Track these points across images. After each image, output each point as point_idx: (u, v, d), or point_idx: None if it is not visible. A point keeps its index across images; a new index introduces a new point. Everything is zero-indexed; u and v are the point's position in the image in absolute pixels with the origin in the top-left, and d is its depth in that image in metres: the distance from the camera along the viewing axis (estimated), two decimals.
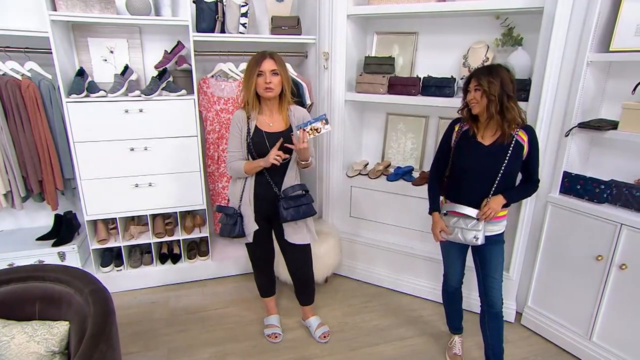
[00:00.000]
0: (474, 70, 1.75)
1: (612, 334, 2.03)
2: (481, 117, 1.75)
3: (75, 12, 2.22)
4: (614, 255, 1.96)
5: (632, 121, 1.89)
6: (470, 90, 1.71)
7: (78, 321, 1.50)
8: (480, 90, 1.67)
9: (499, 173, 1.76)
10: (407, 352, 2.22)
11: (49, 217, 2.77)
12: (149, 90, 2.43)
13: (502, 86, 1.66)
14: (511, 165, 1.76)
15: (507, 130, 1.72)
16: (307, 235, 2.06)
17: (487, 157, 1.78)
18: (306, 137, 1.82)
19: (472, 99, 1.70)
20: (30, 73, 2.36)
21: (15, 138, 2.37)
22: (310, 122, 1.84)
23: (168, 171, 2.59)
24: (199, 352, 2.19)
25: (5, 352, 1.41)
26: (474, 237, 1.80)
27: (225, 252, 2.96)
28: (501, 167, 1.75)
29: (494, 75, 1.66)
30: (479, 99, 1.68)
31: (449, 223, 1.87)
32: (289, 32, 2.68)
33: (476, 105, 1.71)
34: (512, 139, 1.74)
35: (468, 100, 1.74)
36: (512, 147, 1.75)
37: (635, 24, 1.87)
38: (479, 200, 1.80)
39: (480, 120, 1.78)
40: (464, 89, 1.77)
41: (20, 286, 1.57)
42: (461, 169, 1.84)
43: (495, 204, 1.75)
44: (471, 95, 1.71)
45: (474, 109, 1.73)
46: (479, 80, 1.67)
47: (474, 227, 1.80)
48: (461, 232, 1.83)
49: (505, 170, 1.76)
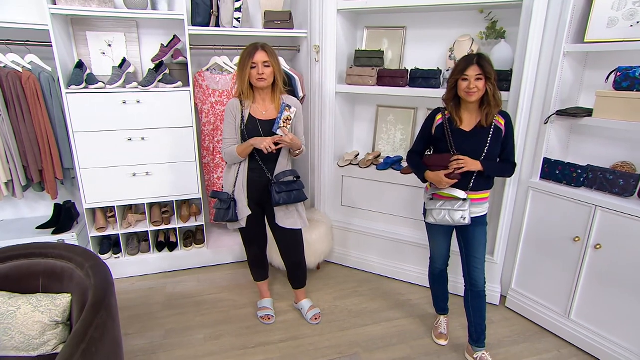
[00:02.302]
0: (463, 62, 1.80)
1: (589, 312, 2.15)
2: (473, 103, 1.85)
3: (74, 6, 2.33)
4: (589, 235, 2.08)
5: (605, 108, 2.01)
6: (469, 79, 1.76)
7: (79, 294, 1.61)
8: (483, 78, 1.75)
9: (481, 157, 1.87)
10: (395, 332, 2.33)
11: (49, 207, 2.88)
12: (146, 82, 2.54)
13: (493, 72, 1.78)
14: (492, 149, 1.88)
15: (494, 113, 1.83)
16: (298, 221, 2.17)
17: (469, 143, 1.89)
18: (286, 130, 1.94)
19: (474, 87, 1.75)
20: (31, 65, 2.47)
21: (16, 128, 2.48)
22: (279, 117, 1.96)
23: (164, 161, 2.70)
24: (195, 333, 2.30)
25: (12, 320, 1.52)
26: (462, 217, 1.89)
27: (220, 240, 3.07)
28: (483, 150, 1.87)
29: (489, 62, 1.77)
30: (481, 87, 1.76)
31: (435, 206, 1.97)
32: (282, 26, 2.80)
33: (477, 93, 1.77)
34: (492, 124, 1.87)
35: (466, 89, 1.78)
36: (491, 131, 1.87)
37: (607, 16, 1.99)
38: (464, 183, 1.91)
39: (465, 108, 1.89)
40: (455, 78, 1.83)
41: (25, 262, 1.68)
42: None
43: (471, 162, 1.83)
44: (472, 84, 1.75)
45: (473, 97, 1.78)
46: (484, 69, 1.74)
47: (460, 207, 1.90)
48: (448, 214, 1.92)
49: (487, 154, 1.87)
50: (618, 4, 1.96)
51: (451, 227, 2.06)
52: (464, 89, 1.79)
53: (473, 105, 1.85)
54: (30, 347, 1.53)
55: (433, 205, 1.97)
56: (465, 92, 1.79)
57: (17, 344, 1.52)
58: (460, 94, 1.82)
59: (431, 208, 1.95)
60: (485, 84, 1.77)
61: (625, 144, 2.13)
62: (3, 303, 1.54)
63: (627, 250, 1.95)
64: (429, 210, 1.97)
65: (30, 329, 1.52)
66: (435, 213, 1.94)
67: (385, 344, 2.24)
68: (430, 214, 1.97)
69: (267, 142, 1.90)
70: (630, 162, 2.11)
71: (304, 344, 2.23)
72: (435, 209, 1.95)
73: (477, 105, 1.87)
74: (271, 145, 1.90)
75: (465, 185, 1.91)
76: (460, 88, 1.81)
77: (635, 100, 1.90)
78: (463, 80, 1.79)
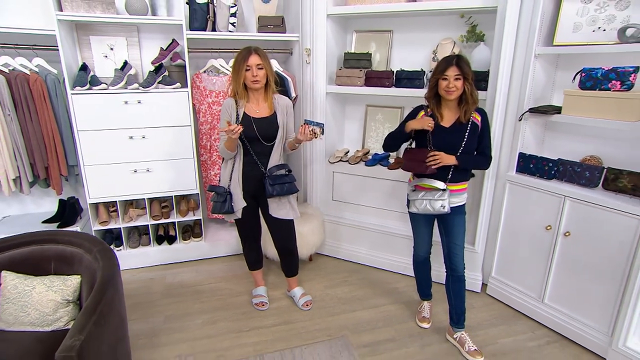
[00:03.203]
0: (443, 63, 1.97)
1: (561, 295, 2.33)
2: (453, 101, 2.03)
3: (79, 12, 2.51)
4: (559, 224, 2.26)
5: (573, 106, 2.20)
6: (449, 79, 1.93)
7: (88, 275, 1.78)
8: (461, 78, 1.93)
9: (459, 151, 2.05)
10: (382, 316, 2.51)
11: (53, 202, 3.04)
12: (146, 83, 2.72)
13: (471, 72, 1.97)
14: (469, 143, 2.05)
15: (471, 110, 2.02)
16: (290, 212, 2.35)
17: (449, 138, 2.07)
18: (307, 130, 2.14)
19: (453, 86, 1.93)
20: (38, 68, 2.64)
21: (24, 127, 2.65)
22: (315, 123, 2.18)
23: (164, 158, 2.87)
24: (193, 319, 2.47)
25: (28, 299, 1.68)
26: (441, 205, 2.06)
27: (217, 234, 3.25)
28: (461, 145, 2.05)
29: (467, 63, 1.95)
30: (459, 87, 1.95)
31: (417, 197, 2.14)
32: (275, 30, 2.98)
33: (455, 91, 1.95)
34: (469, 120, 2.05)
35: (446, 87, 1.95)
36: (469, 127, 2.05)
37: (573, 22, 2.19)
38: (443, 175, 2.08)
39: (445, 105, 2.07)
40: (435, 78, 2.00)
41: (38, 248, 1.85)
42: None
43: (446, 157, 2.01)
44: (451, 83, 1.93)
45: (452, 95, 1.96)
46: (462, 69, 1.92)
47: (440, 197, 2.07)
48: (429, 203, 2.09)
49: (464, 148, 2.05)
50: (582, 10, 2.15)
51: (432, 216, 2.23)
52: (444, 87, 1.97)
53: (452, 103, 2.04)
54: (44, 323, 1.70)
55: (415, 196, 2.14)
56: (445, 91, 1.97)
57: (33, 320, 1.69)
58: (441, 92, 2.00)
59: (414, 198, 2.13)
60: (463, 83, 1.95)
61: (594, 139, 2.31)
62: (20, 283, 1.71)
63: (592, 236, 2.13)
64: (411, 200, 2.15)
65: (45, 306, 1.69)
66: (418, 203, 2.12)
67: (371, 327, 2.41)
68: (413, 204, 2.14)
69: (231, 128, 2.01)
70: (598, 156, 2.30)
71: (296, 328, 2.40)
72: (418, 199, 2.13)
73: (456, 103, 2.05)
74: (236, 129, 2.01)
75: (444, 176, 2.09)
76: (440, 87, 1.99)
77: (598, 98, 2.08)
78: (443, 80, 1.97)
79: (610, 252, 2.06)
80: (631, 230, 1.97)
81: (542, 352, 2.22)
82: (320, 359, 2.16)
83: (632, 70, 1.97)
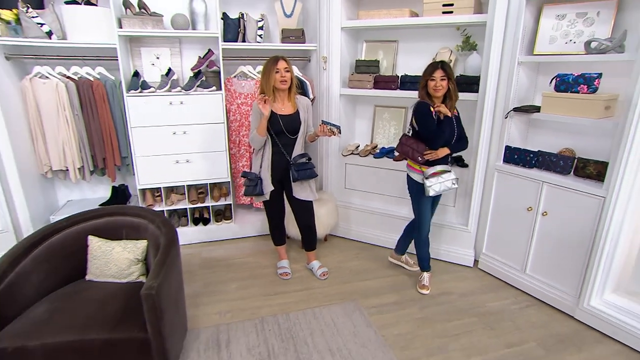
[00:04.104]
0: (431, 67, 2.42)
1: (539, 266, 2.70)
2: (439, 98, 2.46)
3: (135, 28, 2.96)
4: (539, 205, 2.64)
5: (550, 106, 2.57)
6: (436, 80, 2.38)
7: (152, 240, 2.21)
8: (446, 79, 2.38)
9: (454, 137, 2.52)
10: (387, 285, 2.91)
11: (107, 189, 3.51)
12: (187, 87, 3.16)
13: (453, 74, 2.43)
14: (459, 131, 2.54)
15: (454, 105, 2.48)
16: (310, 194, 2.77)
17: (450, 128, 2.49)
18: (325, 129, 2.57)
19: (440, 86, 2.38)
20: (99, 75, 3.11)
21: (87, 125, 3.11)
22: (332, 124, 2.59)
23: (201, 150, 3.31)
24: (228, 285, 2.90)
25: (109, 256, 2.13)
26: (452, 182, 2.54)
27: (245, 217, 3.69)
28: (454, 132, 2.51)
29: (450, 67, 2.42)
30: (445, 86, 2.39)
31: (434, 182, 2.51)
32: (296, 41, 3.40)
33: (442, 89, 2.41)
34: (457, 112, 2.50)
35: (434, 86, 2.40)
36: (457, 117, 2.50)
37: (549, 35, 2.56)
38: (444, 161, 2.58)
39: (434, 102, 2.49)
40: (425, 79, 2.44)
41: (112, 219, 2.30)
42: (439, 140, 2.50)
43: (441, 152, 2.51)
44: (438, 83, 2.38)
45: (439, 92, 2.42)
46: (446, 71, 2.38)
47: (449, 177, 2.54)
48: (444, 184, 2.52)
49: (458, 135, 2.54)
50: (556, 26, 2.52)
51: (434, 199, 2.67)
52: (432, 87, 2.41)
53: (439, 100, 2.46)
54: (121, 276, 2.14)
55: (432, 182, 2.52)
56: (433, 89, 2.42)
57: (113, 273, 2.13)
58: (430, 91, 2.45)
59: (431, 184, 2.50)
60: (447, 83, 2.39)
61: (568, 134, 2.68)
62: (102, 245, 2.16)
63: (564, 215, 2.50)
64: (429, 187, 2.50)
65: (122, 263, 2.14)
66: (436, 186, 2.51)
67: (379, 292, 2.82)
68: (431, 189, 2.50)
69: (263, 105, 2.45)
70: (572, 148, 2.66)
71: (315, 293, 2.81)
72: (435, 184, 2.52)
73: (441, 100, 2.48)
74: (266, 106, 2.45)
75: (445, 162, 2.57)
76: (429, 86, 2.43)
77: (569, 99, 2.45)
78: (431, 80, 2.41)
79: (579, 228, 2.44)
80: (595, 208, 2.34)
81: (523, 313, 2.60)
82: (335, 316, 2.57)
83: (596, 76, 2.34)
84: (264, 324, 2.48)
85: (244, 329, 2.43)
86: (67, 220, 2.24)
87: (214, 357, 2.21)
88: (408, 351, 2.27)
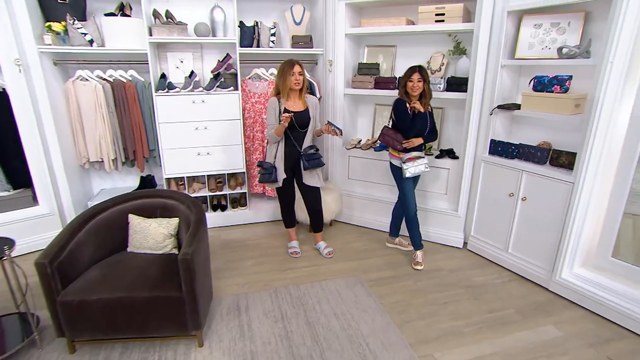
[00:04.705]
0: (410, 70, 2.82)
1: (520, 245, 3.02)
2: (416, 96, 2.85)
3: (163, 36, 3.31)
4: (519, 191, 2.95)
5: (529, 104, 2.88)
6: (414, 81, 2.77)
7: (183, 218, 2.56)
8: (422, 81, 2.75)
9: (427, 129, 2.90)
10: (386, 262, 3.24)
11: (135, 179, 3.87)
12: (208, 87, 3.51)
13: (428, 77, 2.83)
14: (431, 124, 2.93)
15: (428, 103, 2.89)
16: (318, 181, 3.10)
17: (421, 121, 2.86)
18: (330, 128, 2.92)
19: (416, 87, 2.77)
20: (131, 77, 3.46)
21: (120, 121, 3.47)
22: (336, 126, 2.94)
23: (219, 144, 3.65)
24: (245, 262, 3.24)
25: (147, 231, 2.48)
26: (425, 166, 2.93)
27: (258, 205, 4.04)
28: (427, 125, 2.89)
29: (426, 71, 2.80)
30: (421, 86, 2.77)
31: (410, 165, 2.90)
32: (304, 46, 3.74)
33: (418, 90, 2.80)
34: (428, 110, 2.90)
35: (412, 87, 2.81)
36: (429, 114, 2.91)
37: (528, 41, 2.87)
38: (419, 149, 2.95)
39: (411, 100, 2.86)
40: (404, 81, 2.84)
41: (148, 200, 2.64)
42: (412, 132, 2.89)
43: (415, 141, 2.89)
44: (415, 84, 2.77)
45: (416, 92, 2.83)
46: (422, 75, 2.77)
47: (422, 162, 2.93)
48: (418, 167, 2.91)
49: (430, 127, 2.93)
50: (534, 34, 2.83)
51: (416, 177, 3.05)
52: (410, 87, 2.81)
53: (415, 98, 2.84)
54: (157, 248, 2.49)
55: (408, 166, 2.90)
56: (410, 89, 2.81)
57: (150, 245, 2.48)
58: (408, 90, 2.84)
59: (408, 167, 2.89)
60: (423, 84, 2.78)
61: (545, 129, 2.99)
62: (141, 222, 2.51)
63: (541, 199, 2.82)
64: (405, 169, 2.90)
65: (157, 237, 2.48)
66: (412, 169, 2.89)
67: (377, 269, 3.15)
68: (407, 171, 2.89)
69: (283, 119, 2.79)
70: (549, 141, 2.97)
71: (321, 269, 3.15)
72: (411, 166, 2.89)
73: (417, 98, 2.86)
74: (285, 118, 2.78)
75: (420, 149, 2.95)
76: (407, 86, 2.83)
77: (545, 98, 2.76)
78: (409, 82, 2.80)
79: (552, 210, 2.75)
80: (566, 193, 2.65)
81: (504, 287, 2.92)
82: (340, 287, 2.91)
83: (567, 78, 2.65)
84: (277, 294, 2.82)
85: (260, 297, 2.78)
86: (111, 201, 2.59)
87: (235, 320, 2.55)
88: (403, 315, 2.60)
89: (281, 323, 2.52)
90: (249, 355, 2.25)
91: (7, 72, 2.92)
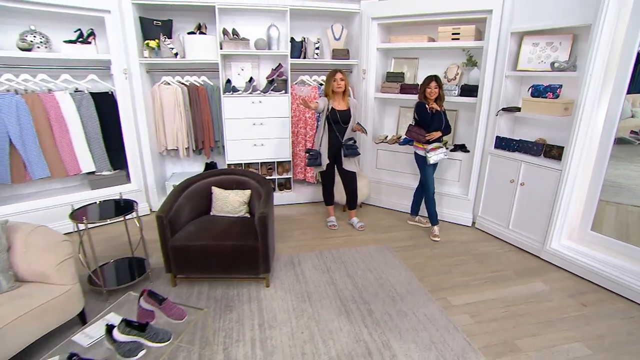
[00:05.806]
0: (427, 79, 3.43)
1: (519, 222, 3.61)
2: (432, 100, 3.46)
3: (230, 49, 4.03)
4: (518, 178, 3.55)
5: (528, 107, 3.48)
6: (431, 88, 3.40)
7: (254, 191, 3.25)
8: (438, 87, 3.38)
9: (442, 125, 3.48)
10: (407, 235, 3.87)
11: (200, 165, 4.60)
12: (264, 90, 4.20)
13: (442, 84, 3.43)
14: (446, 122, 3.50)
15: (442, 105, 3.47)
16: (355, 167, 3.76)
17: (438, 119, 3.47)
18: (359, 127, 3.57)
19: (433, 92, 3.41)
20: (203, 82, 4.19)
21: (193, 117, 4.20)
22: (363, 127, 3.62)
23: (271, 137, 4.34)
24: (294, 231, 3.91)
25: (227, 199, 3.17)
26: (444, 154, 3.53)
27: (300, 188, 4.72)
28: (442, 122, 3.47)
29: (440, 80, 3.41)
30: (437, 92, 3.40)
31: (432, 155, 3.53)
32: (342, 57, 4.40)
33: (434, 94, 3.42)
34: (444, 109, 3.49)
35: (429, 93, 3.42)
36: (443, 113, 3.48)
37: (527, 56, 3.47)
38: (438, 141, 3.55)
39: (429, 102, 3.47)
40: (423, 88, 3.45)
41: (226, 177, 3.34)
42: (432, 127, 3.51)
43: (435, 134, 3.47)
44: (432, 90, 3.40)
45: (433, 96, 3.44)
46: (438, 82, 3.39)
47: (442, 151, 3.54)
48: (437, 156, 3.53)
49: (445, 124, 3.50)
50: (532, 50, 3.43)
51: (435, 164, 3.64)
52: (428, 93, 3.43)
53: (432, 101, 3.46)
54: (234, 212, 3.18)
55: (432, 155, 3.53)
56: (429, 94, 3.44)
57: (229, 210, 3.17)
58: (427, 95, 3.46)
59: (431, 155, 3.51)
60: (439, 90, 3.39)
61: (541, 127, 3.57)
62: (222, 192, 3.20)
63: (536, 184, 3.41)
64: (429, 157, 3.52)
65: (235, 203, 3.18)
66: (434, 157, 3.52)
67: (401, 239, 3.78)
68: (430, 159, 3.52)
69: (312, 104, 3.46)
70: (544, 137, 3.56)
71: (355, 239, 3.80)
72: (433, 155, 3.52)
73: (433, 101, 3.48)
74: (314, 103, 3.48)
75: (439, 141, 3.55)
76: (426, 92, 3.45)
77: (541, 103, 3.35)
78: (428, 88, 3.42)
79: (545, 193, 3.34)
80: (556, 179, 3.24)
81: (505, 255, 3.52)
82: (371, 252, 3.55)
83: (558, 86, 3.25)
84: (322, 254, 3.48)
85: (309, 257, 3.44)
86: (199, 176, 3.30)
87: (291, 270, 3.22)
88: (422, 272, 3.22)
89: (327, 274, 3.17)
90: (305, 294, 2.91)
91: (117, 79, 3.68)
